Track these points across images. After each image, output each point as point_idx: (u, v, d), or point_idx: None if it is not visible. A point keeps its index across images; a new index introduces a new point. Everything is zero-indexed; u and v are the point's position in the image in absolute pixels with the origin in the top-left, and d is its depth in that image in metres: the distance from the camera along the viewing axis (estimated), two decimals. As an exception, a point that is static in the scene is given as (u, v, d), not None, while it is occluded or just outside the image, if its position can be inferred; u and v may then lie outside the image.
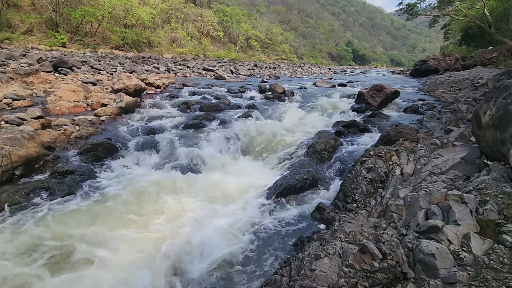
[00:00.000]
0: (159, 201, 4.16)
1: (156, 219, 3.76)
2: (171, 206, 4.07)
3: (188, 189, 4.57)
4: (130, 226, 3.58)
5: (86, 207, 3.88)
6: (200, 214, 3.95)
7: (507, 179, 2.48)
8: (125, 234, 3.41)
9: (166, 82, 11.65)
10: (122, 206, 3.97)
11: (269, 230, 3.68)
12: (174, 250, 3.20)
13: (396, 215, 2.55)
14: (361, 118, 7.36)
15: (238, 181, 4.95)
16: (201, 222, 3.77)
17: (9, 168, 4.05)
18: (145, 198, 4.20)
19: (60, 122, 5.93)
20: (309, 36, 76.72)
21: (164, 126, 6.82)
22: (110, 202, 4.03)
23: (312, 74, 26.47)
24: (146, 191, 4.37)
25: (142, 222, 3.67)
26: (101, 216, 3.70)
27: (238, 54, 47.51)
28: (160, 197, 4.26)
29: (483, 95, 6.99)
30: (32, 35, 23.45)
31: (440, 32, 41.06)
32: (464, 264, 1.75)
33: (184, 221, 3.77)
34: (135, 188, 4.42)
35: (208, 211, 4.02)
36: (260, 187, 4.78)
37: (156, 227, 3.60)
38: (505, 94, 2.67)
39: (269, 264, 3.07)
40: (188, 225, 3.69)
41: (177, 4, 41.19)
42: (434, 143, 4.19)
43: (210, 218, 3.86)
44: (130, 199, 4.15)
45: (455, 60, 18.90)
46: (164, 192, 4.40)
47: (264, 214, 4.07)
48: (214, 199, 4.37)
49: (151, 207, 4.02)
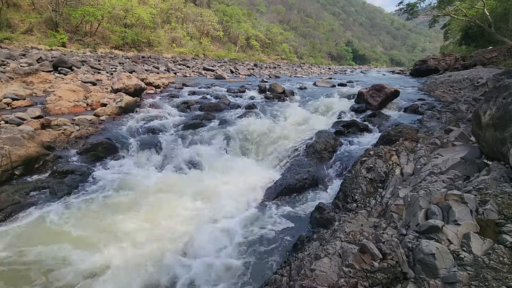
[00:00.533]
0: (159, 201, 4.16)
1: (156, 218, 3.76)
2: (171, 206, 4.07)
3: (188, 188, 4.57)
4: (130, 226, 3.58)
5: (86, 207, 3.88)
6: (200, 213, 3.96)
7: (507, 179, 2.48)
8: (125, 234, 3.41)
9: (166, 82, 11.65)
10: (122, 206, 3.97)
11: (269, 230, 3.68)
12: (174, 250, 3.20)
13: (396, 215, 2.55)
14: (361, 118, 7.35)
15: (238, 181, 4.96)
16: (201, 221, 3.77)
17: (9, 168, 4.05)
18: (145, 198, 4.20)
19: (60, 122, 5.92)
20: (309, 36, 76.69)
21: (164, 126, 6.81)
22: (110, 202, 4.03)
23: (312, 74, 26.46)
24: (146, 191, 4.37)
25: (142, 222, 3.67)
26: (101, 216, 3.70)
27: (238, 54, 47.51)
28: (160, 197, 4.26)
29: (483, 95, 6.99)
30: (32, 35, 23.44)
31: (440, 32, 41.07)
32: (464, 264, 1.75)
33: (184, 221, 3.77)
34: (135, 188, 4.42)
35: (208, 211, 4.02)
36: (260, 186, 4.78)
37: (156, 227, 3.60)
38: (505, 94, 2.67)
39: (269, 263, 3.08)
40: (188, 224, 3.69)
41: (177, 4, 41.17)
42: (434, 143, 4.19)
43: (210, 218, 3.86)
44: (130, 199, 4.15)
45: (455, 60, 18.89)
46: (163, 192, 4.40)
47: (264, 213, 4.07)
48: (214, 198, 4.36)
49: (151, 207, 4.01)
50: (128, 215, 3.78)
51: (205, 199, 4.34)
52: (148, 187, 4.48)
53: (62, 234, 3.31)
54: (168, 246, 3.27)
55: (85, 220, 3.58)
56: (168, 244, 3.30)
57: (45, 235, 3.26)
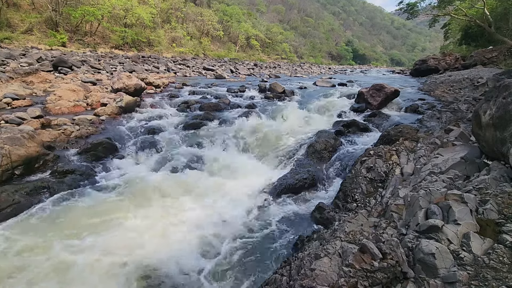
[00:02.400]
0: (159, 201, 4.16)
1: (156, 218, 3.76)
2: (171, 205, 4.07)
3: (187, 188, 4.57)
4: (130, 225, 3.58)
5: (85, 207, 3.88)
6: (200, 213, 3.95)
7: (507, 178, 2.48)
8: (125, 234, 3.41)
9: (166, 82, 11.64)
10: (122, 205, 3.97)
11: (269, 229, 3.68)
12: (174, 250, 3.21)
13: (396, 215, 2.55)
14: (361, 118, 7.35)
15: (238, 181, 4.96)
16: (201, 221, 3.77)
17: (9, 168, 4.05)
18: (145, 198, 4.20)
19: (60, 122, 5.92)
20: (309, 36, 76.60)
21: (164, 125, 6.81)
22: (110, 202, 4.03)
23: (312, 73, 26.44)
24: (146, 191, 4.37)
25: (142, 222, 3.67)
26: (101, 216, 3.70)
27: (238, 53, 47.49)
28: (160, 197, 4.27)
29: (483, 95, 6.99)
30: (32, 35, 23.42)
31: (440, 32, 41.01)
32: (464, 264, 1.75)
33: (184, 220, 3.77)
34: (135, 188, 4.42)
35: (208, 211, 4.03)
36: (260, 186, 4.78)
37: (156, 226, 3.60)
38: (505, 93, 2.67)
39: (269, 263, 3.08)
40: (188, 224, 3.70)
41: (177, 4, 41.14)
42: (434, 143, 4.19)
43: (210, 217, 3.86)
44: (130, 198, 4.15)
45: (455, 59, 18.88)
46: (163, 192, 4.40)
47: (264, 213, 4.07)
48: (214, 198, 4.37)
49: (151, 206, 4.02)
50: (128, 214, 3.78)
51: (205, 198, 4.34)
52: (148, 186, 4.48)
53: (62, 234, 3.31)
54: (167, 246, 3.27)
55: (85, 220, 3.58)
56: (168, 244, 3.30)
57: (45, 235, 3.26)
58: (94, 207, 3.89)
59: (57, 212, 3.72)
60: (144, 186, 4.50)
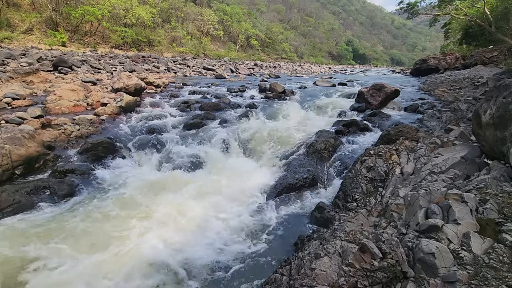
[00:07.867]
0: (160, 201, 4.16)
1: (156, 218, 3.76)
2: (171, 205, 4.07)
3: (188, 188, 4.57)
4: (130, 225, 3.59)
5: (85, 207, 3.89)
6: (200, 213, 3.96)
7: (507, 178, 2.48)
8: (125, 234, 3.42)
9: (166, 81, 11.64)
10: (122, 205, 3.97)
11: (269, 229, 3.69)
12: (173, 250, 3.21)
13: (396, 214, 2.55)
14: (361, 117, 7.35)
15: (238, 180, 4.96)
16: (201, 221, 3.77)
17: (9, 168, 4.05)
18: (145, 197, 4.20)
19: (60, 121, 5.92)
20: (309, 35, 76.55)
21: (164, 125, 6.81)
22: (110, 202, 4.03)
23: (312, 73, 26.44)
24: (146, 190, 4.37)
25: (141, 221, 3.67)
26: (100, 216, 3.71)
27: (238, 53, 47.48)
28: (160, 197, 4.27)
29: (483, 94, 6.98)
30: (32, 34, 23.42)
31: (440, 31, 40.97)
32: (464, 263, 1.76)
33: (184, 220, 3.77)
34: (135, 188, 4.42)
35: (208, 210, 4.03)
36: (260, 186, 4.78)
37: (156, 226, 3.60)
38: (506, 93, 2.67)
39: (269, 263, 3.08)
40: (188, 224, 3.70)
41: (177, 3, 41.13)
42: (434, 142, 4.19)
43: (210, 217, 3.87)
44: (130, 198, 4.15)
45: (456, 59, 18.88)
46: (164, 192, 4.40)
47: (264, 213, 4.07)
48: (214, 198, 4.36)
49: (151, 206, 4.02)
50: (128, 214, 3.78)
51: (205, 198, 4.33)
52: (148, 186, 4.48)
53: (62, 234, 3.31)
54: (167, 245, 3.27)
55: (85, 220, 3.59)
56: (167, 243, 3.30)
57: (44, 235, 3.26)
58: (94, 207, 3.89)
59: (57, 212, 3.72)
60: (144, 186, 4.50)
